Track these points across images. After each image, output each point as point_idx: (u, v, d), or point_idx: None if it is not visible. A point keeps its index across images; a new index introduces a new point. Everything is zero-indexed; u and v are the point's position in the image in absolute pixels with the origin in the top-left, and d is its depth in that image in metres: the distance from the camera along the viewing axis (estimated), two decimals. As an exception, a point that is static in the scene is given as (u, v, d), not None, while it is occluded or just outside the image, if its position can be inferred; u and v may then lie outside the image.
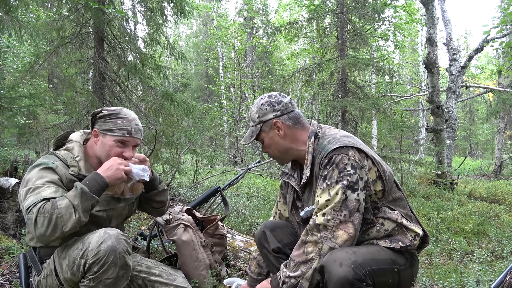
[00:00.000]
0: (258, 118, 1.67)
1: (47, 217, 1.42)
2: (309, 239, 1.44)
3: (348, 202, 1.42)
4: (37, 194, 1.48)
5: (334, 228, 1.41)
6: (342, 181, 1.43)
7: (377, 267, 1.36)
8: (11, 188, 2.91)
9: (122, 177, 1.59)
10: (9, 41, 6.32)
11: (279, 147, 1.68)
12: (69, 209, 1.44)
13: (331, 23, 7.47)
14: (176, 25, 26.26)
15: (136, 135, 1.71)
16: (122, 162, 1.61)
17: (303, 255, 1.44)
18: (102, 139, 1.69)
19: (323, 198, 1.45)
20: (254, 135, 1.68)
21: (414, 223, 1.58)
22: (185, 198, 4.41)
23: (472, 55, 8.04)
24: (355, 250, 1.38)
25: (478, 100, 19.55)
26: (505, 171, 10.64)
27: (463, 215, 4.20)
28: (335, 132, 1.64)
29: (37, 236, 1.44)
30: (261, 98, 1.71)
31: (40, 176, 1.55)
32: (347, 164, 1.46)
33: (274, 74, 16.29)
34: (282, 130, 1.65)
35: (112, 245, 1.44)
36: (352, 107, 5.78)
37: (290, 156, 1.72)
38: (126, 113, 1.72)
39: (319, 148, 1.59)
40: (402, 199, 1.62)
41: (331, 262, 1.33)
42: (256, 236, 1.89)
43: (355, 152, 1.49)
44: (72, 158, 1.67)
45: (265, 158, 11.19)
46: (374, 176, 1.51)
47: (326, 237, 1.41)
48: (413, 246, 1.51)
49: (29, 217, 1.44)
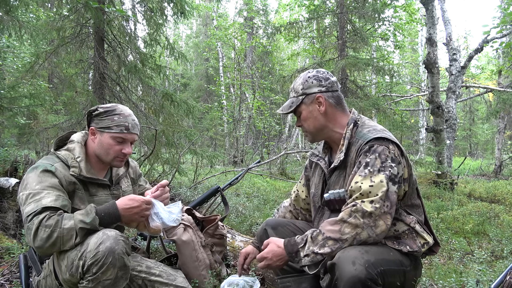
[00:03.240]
0: (302, 89, 1.65)
1: (48, 232, 1.41)
2: (350, 221, 1.39)
3: (390, 194, 1.42)
4: (38, 202, 1.47)
5: (377, 217, 1.39)
6: (384, 171, 1.43)
7: (387, 268, 1.36)
8: (11, 188, 2.91)
9: (139, 221, 1.59)
10: (9, 41, 6.32)
11: (316, 122, 1.66)
12: (71, 231, 1.44)
13: (331, 23, 7.48)
14: (176, 25, 26.26)
15: (134, 130, 1.71)
16: (147, 207, 1.58)
17: (338, 233, 1.40)
18: (100, 137, 1.68)
19: (365, 184, 1.42)
20: (294, 106, 1.65)
21: (427, 231, 1.58)
22: (185, 198, 4.41)
23: (472, 55, 8.04)
24: (367, 249, 1.37)
25: (478, 100, 19.56)
26: (505, 171, 10.64)
27: (463, 215, 4.20)
28: (375, 124, 1.64)
29: (35, 247, 1.44)
30: (309, 71, 1.69)
31: (39, 181, 1.54)
32: (388, 156, 1.46)
33: (274, 74, 16.30)
34: (323, 106, 1.63)
35: (111, 246, 1.43)
36: (352, 107, 5.75)
37: (324, 135, 1.69)
38: (122, 109, 1.71)
39: (357, 136, 1.58)
40: (420, 207, 1.62)
41: (344, 260, 1.32)
42: (257, 234, 1.89)
43: (395, 147, 1.51)
44: (73, 158, 1.67)
45: (265, 158, 11.20)
46: (406, 175, 1.53)
47: (368, 225, 1.38)
48: (419, 252, 1.51)
49: (29, 226, 1.44)
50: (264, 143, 11.98)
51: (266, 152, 11.86)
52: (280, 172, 8.42)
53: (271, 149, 11.62)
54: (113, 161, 1.71)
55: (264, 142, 12.00)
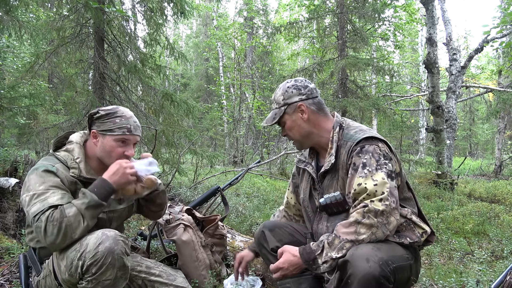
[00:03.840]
0: (283, 100, 1.69)
1: (56, 225, 1.42)
2: (365, 221, 1.40)
3: (392, 189, 1.46)
4: (43, 201, 1.48)
5: (389, 214, 1.42)
6: (381, 168, 1.48)
7: (398, 264, 1.37)
8: (11, 188, 2.91)
9: (129, 180, 1.60)
10: (9, 41, 6.32)
11: (301, 130, 1.69)
12: (77, 217, 1.45)
13: (331, 23, 7.48)
14: (176, 25, 26.28)
15: (136, 132, 1.71)
16: (127, 165, 1.60)
17: (354, 234, 1.41)
18: (102, 140, 1.68)
19: (369, 184, 1.45)
20: (277, 117, 1.69)
21: (423, 221, 1.62)
22: (185, 198, 4.41)
23: (472, 55, 8.04)
24: (379, 246, 1.38)
25: (478, 100, 19.55)
26: (505, 171, 10.64)
27: (463, 215, 4.20)
28: (359, 124, 1.70)
29: (48, 244, 1.45)
30: (287, 82, 1.73)
31: (42, 181, 1.54)
32: (380, 154, 1.52)
33: (274, 74, 16.28)
34: (306, 114, 1.67)
35: (110, 246, 1.43)
36: (352, 107, 5.78)
37: (310, 141, 1.73)
38: (123, 111, 1.71)
39: (344, 138, 1.63)
40: (412, 200, 1.66)
41: (357, 257, 1.32)
42: (255, 236, 1.89)
43: (384, 144, 1.56)
44: (73, 159, 1.67)
45: (265, 158, 11.20)
46: (398, 170, 1.58)
47: (382, 223, 1.41)
48: (419, 242, 1.54)
49: (37, 225, 1.44)
50: (264, 143, 11.98)
51: (266, 152, 11.85)
52: (280, 172, 8.42)
53: (271, 149, 11.62)
54: None
55: (264, 142, 11.99)
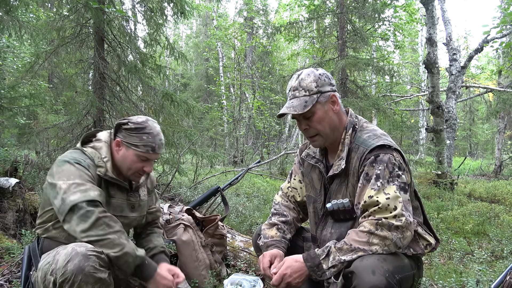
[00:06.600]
0: (316, 87, 1.51)
1: (103, 232, 1.44)
2: (378, 233, 1.36)
3: (405, 203, 1.41)
4: (85, 192, 1.48)
5: (405, 229, 1.37)
6: (393, 181, 1.41)
7: (403, 275, 1.36)
8: (11, 188, 2.91)
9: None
10: (9, 41, 6.31)
11: (331, 123, 1.55)
12: (119, 247, 1.46)
13: (331, 23, 7.48)
14: (176, 25, 26.25)
15: (159, 150, 1.70)
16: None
17: (366, 244, 1.36)
18: (125, 151, 1.67)
19: (381, 198, 1.39)
20: (309, 105, 1.49)
21: (428, 232, 1.58)
22: (185, 198, 4.41)
23: (472, 55, 8.04)
24: (385, 257, 1.34)
25: (478, 100, 19.54)
26: (505, 171, 10.64)
27: (463, 215, 4.20)
28: (374, 128, 1.59)
29: (80, 230, 1.44)
30: (316, 69, 1.57)
31: (79, 174, 1.54)
32: (395, 164, 1.44)
33: (274, 74, 16.28)
34: (337, 106, 1.55)
35: (79, 264, 1.37)
36: (352, 107, 5.78)
37: (334, 137, 1.58)
38: (151, 128, 1.68)
39: (356, 141, 1.53)
40: (418, 209, 1.61)
41: (363, 268, 1.29)
42: (253, 239, 1.87)
43: (398, 154, 1.48)
44: (100, 158, 1.66)
45: (265, 158, 11.20)
46: (409, 181, 1.51)
47: (397, 236, 1.36)
48: (423, 254, 1.52)
49: (83, 213, 1.44)
50: (264, 143, 11.99)
51: (266, 152, 11.86)
52: (280, 172, 8.42)
53: (271, 149, 11.63)
54: (132, 176, 1.72)
55: (264, 142, 12.00)
